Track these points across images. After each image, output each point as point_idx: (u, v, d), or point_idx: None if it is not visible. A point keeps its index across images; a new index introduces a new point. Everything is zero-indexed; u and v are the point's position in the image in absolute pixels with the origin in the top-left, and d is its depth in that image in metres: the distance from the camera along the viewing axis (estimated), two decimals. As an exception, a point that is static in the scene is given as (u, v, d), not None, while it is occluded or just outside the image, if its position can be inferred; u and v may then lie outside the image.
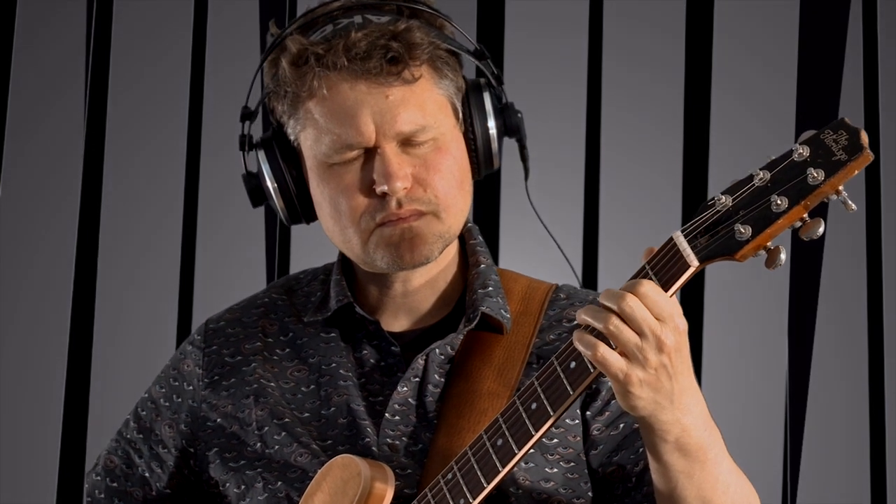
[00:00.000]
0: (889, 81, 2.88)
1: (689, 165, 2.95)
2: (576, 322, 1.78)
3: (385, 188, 1.89)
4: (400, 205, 1.91)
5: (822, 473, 2.91)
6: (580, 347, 1.68)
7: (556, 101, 2.90)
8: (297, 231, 2.08)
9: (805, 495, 2.90)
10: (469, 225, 2.04)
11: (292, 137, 1.96)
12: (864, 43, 2.94)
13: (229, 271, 2.93)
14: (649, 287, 1.65)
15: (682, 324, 1.67)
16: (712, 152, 2.99)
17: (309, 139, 1.94)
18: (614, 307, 1.66)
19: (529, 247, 2.18)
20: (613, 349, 1.67)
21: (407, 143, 1.91)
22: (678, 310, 1.66)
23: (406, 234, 1.92)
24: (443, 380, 1.95)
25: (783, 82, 2.95)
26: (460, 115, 1.97)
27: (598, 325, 1.66)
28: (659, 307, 1.65)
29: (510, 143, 2.03)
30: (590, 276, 2.74)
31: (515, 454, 1.75)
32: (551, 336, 1.98)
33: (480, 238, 2.06)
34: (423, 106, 1.91)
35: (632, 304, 1.66)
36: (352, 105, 1.90)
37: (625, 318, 1.66)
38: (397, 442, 1.93)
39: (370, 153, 1.91)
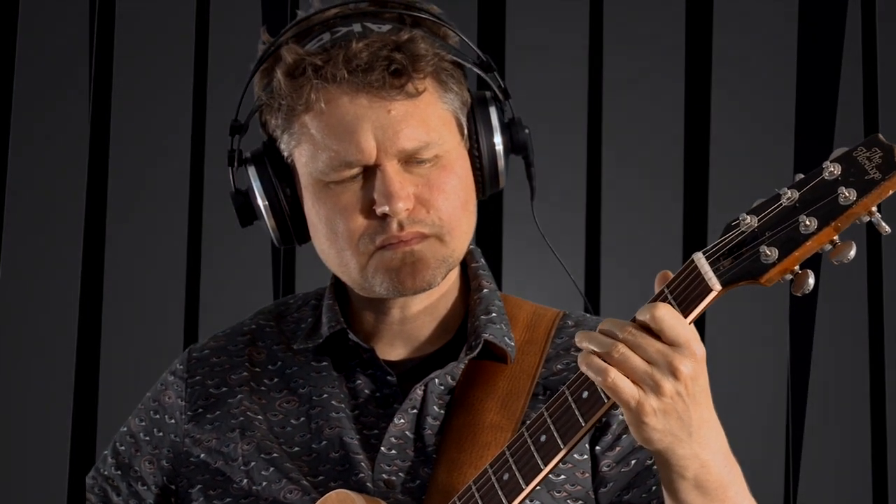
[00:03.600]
0: (889, 81, 2.91)
1: (690, 172, 2.97)
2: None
3: (386, 209, 1.88)
4: (401, 227, 1.89)
5: (823, 474, 2.92)
6: (589, 373, 1.67)
7: (556, 113, 2.92)
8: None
9: (806, 496, 2.91)
10: (471, 247, 2.03)
11: (286, 153, 1.95)
12: (863, 42, 2.97)
13: (235, 281, 2.93)
14: (665, 311, 1.64)
15: (700, 350, 1.65)
16: (712, 158, 3.01)
17: (304, 155, 1.92)
18: (618, 335, 1.66)
19: (534, 271, 2.19)
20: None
21: (409, 160, 1.90)
22: (695, 335, 1.65)
23: (407, 259, 1.91)
24: (443, 412, 1.95)
25: (783, 87, 2.97)
26: (465, 131, 1.96)
27: (603, 353, 1.66)
28: (675, 332, 1.64)
29: (514, 160, 2.03)
30: (593, 299, 2.75)
31: (523, 490, 1.75)
32: (559, 366, 1.98)
33: (483, 261, 2.05)
34: (427, 121, 1.89)
35: (633, 331, 1.65)
36: (351, 120, 1.88)
37: (630, 347, 1.66)
38: (394, 478, 1.93)
39: (370, 171, 1.90)
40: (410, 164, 1.91)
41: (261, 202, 1.97)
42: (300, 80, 1.89)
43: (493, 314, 1.99)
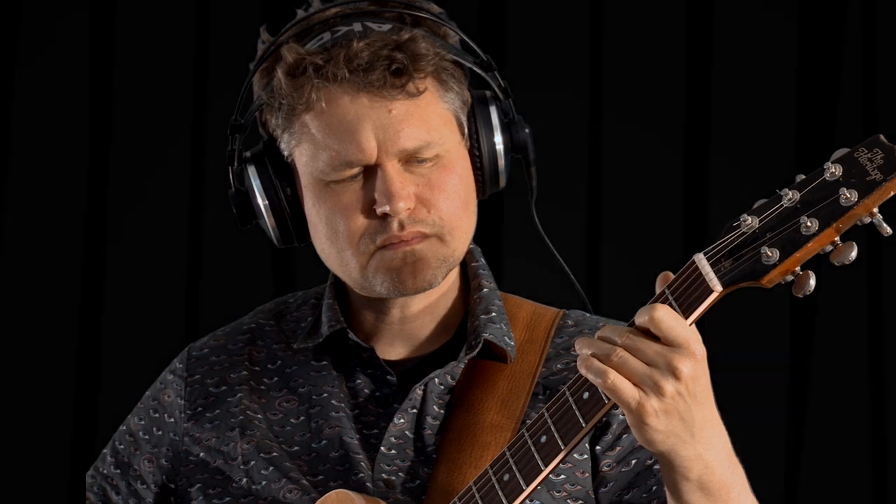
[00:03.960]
0: (889, 81, 2.90)
1: (690, 172, 2.97)
2: None
3: (387, 209, 1.88)
4: (402, 227, 1.89)
5: (823, 475, 2.92)
6: (588, 375, 1.67)
7: (556, 112, 2.92)
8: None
9: (806, 497, 2.91)
10: (471, 247, 2.03)
11: (286, 153, 1.95)
12: (864, 42, 2.97)
13: (235, 281, 2.93)
14: (663, 312, 1.64)
15: (700, 350, 1.64)
16: (712, 158, 3.00)
17: (304, 155, 1.92)
18: (617, 340, 1.65)
19: (534, 270, 2.19)
20: None
21: (410, 160, 1.90)
22: (695, 336, 1.65)
23: (408, 258, 1.91)
24: (442, 411, 1.95)
25: (783, 87, 2.97)
26: (465, 130, 1.96)
27: (602, 357, 1.66)
28: (674, 332, 1.63)
29: (516, 159, 2.03)
30: (592, 299, 2.73)
31: (523, 490, 1.75)
32: (558, 365, 1.98)
33: (483, 260, 2.05)
34: (428, 121, 1.90)
35: (631, 335, 1.65)
36: (352, 119, 1.88)
37: (629, 351, 1.65)
38: (394, 478, 1.93)
39: (370, 171, 1.90)
40: (411, 164, 1.91)
41: (260, 202, 1.97)
42: (301, 79, 1.89)
43: (493, 314, 1.99)
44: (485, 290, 2.01)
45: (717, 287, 1.64)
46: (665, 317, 1.64)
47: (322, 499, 1.89)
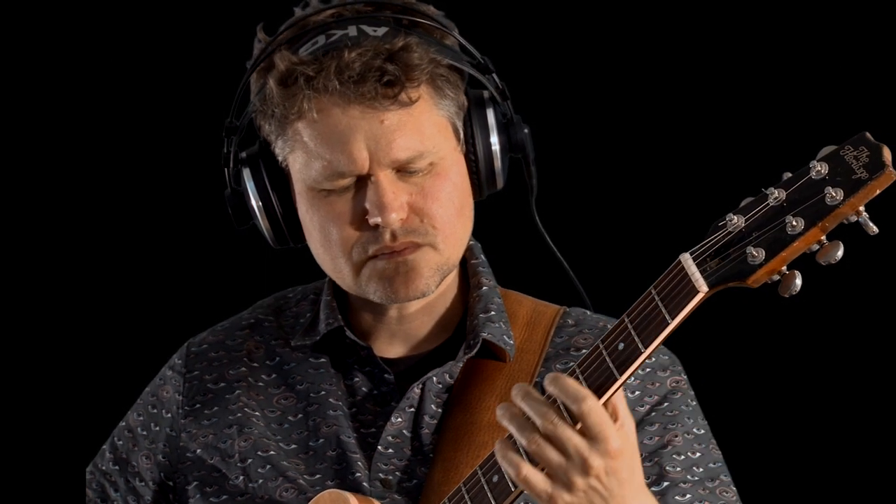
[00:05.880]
0: (887, 80, 2.87)
1: (687, 171, 2.94)
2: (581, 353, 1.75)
3: (378, 220, 1.85)
4: (394, 237, 1.87)
5: (823, 476, 2.89)
6: (503, 465, 1.67)
7: (555, 111, 2.89)
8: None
9: (807, 498, 2.89)
10: (470, 243, 2.01)
11: (280, 158, 1.93)
12: (863, 42, 2.93)
13: (234, 281, 2.93)
14: (593, 405, 1.62)
15: (615, 445, 1.63)
16: (710, 157, 2.97)
17: (298, 162, 1.90)
18: (538, 423, 1.64)
19: (533, 268, 2.16)
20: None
21: (403, 169, 1.87)
22: (612, 432, 1.63)
23: (401, 268, 1.88)
24: (440, 410, 1.94)
25: (783, 86, 2.94)
26: (461, 135, 1.93)
27: (521, 441, 1.65)
28: (597, 429, 1.62)
29: (516, 159, 2.00)
30: (591, 297, 2.71)
31: (511, 492, 1.73)
32: (558, 366, 1.96)
33: (483, 257, 2.03)
34: (421, 130, 1.87)
35: (555, 421, 1.63)
36: (344, 130, 1.85)
37: (548, 438, 1.64)
38: (390, 477, 1.91)
39: (363, 180, 1.87)
40: (404, 173, 1.88)
41: (255, 204, 1.96)
42: (292, 88, 1.86)
43: (493, 312, 1.97)
44: (484, 288, 1.99)
45: (703, 287, 1.61)
46: (593, 411, 1.62)
47: (315, 499, 1.88)
